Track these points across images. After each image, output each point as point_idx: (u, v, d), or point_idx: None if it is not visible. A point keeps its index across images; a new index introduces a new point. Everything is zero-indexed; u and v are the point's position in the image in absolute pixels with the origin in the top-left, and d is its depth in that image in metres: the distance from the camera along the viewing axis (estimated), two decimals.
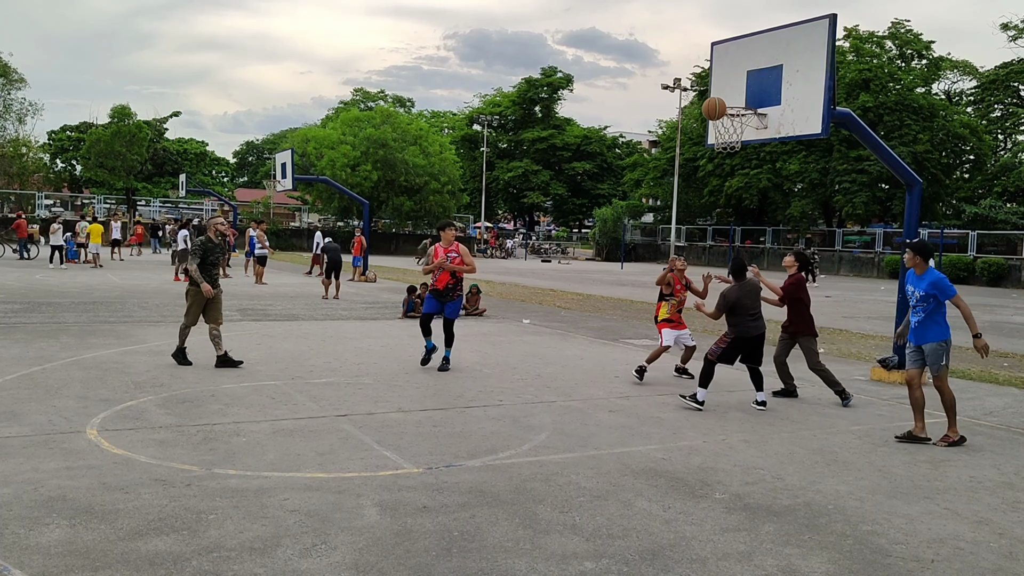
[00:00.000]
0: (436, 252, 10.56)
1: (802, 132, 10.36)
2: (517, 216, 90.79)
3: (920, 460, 6.97)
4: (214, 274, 10.40)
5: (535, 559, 4.54)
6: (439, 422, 7.69)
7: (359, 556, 4.49)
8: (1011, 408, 9.44)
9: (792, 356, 9.68)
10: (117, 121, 60.01)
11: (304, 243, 56.33)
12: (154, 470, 5.86)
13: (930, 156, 49.31)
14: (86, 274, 24.84)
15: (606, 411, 8.47)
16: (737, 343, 8.84)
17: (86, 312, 15.12)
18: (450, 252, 10.48)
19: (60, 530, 4.68)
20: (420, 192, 57.85)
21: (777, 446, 7.28)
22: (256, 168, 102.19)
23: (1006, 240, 46.07)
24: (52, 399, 7.98)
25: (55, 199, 58.23)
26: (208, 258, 10.28)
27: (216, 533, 4.73)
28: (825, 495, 5.89)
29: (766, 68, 10.64)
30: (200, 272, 10.16)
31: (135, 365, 10.00)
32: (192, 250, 10.41)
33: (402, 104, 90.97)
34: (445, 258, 10.43)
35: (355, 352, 11.78)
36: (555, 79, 79.28)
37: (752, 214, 60.93)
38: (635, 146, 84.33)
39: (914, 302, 7.71)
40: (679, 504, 5.57)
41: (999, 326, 19.53)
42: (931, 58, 56.00)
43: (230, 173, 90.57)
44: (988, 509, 5.72)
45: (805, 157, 52.76)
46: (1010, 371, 12.22)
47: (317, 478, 5.84)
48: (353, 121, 59.14)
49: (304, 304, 18.40)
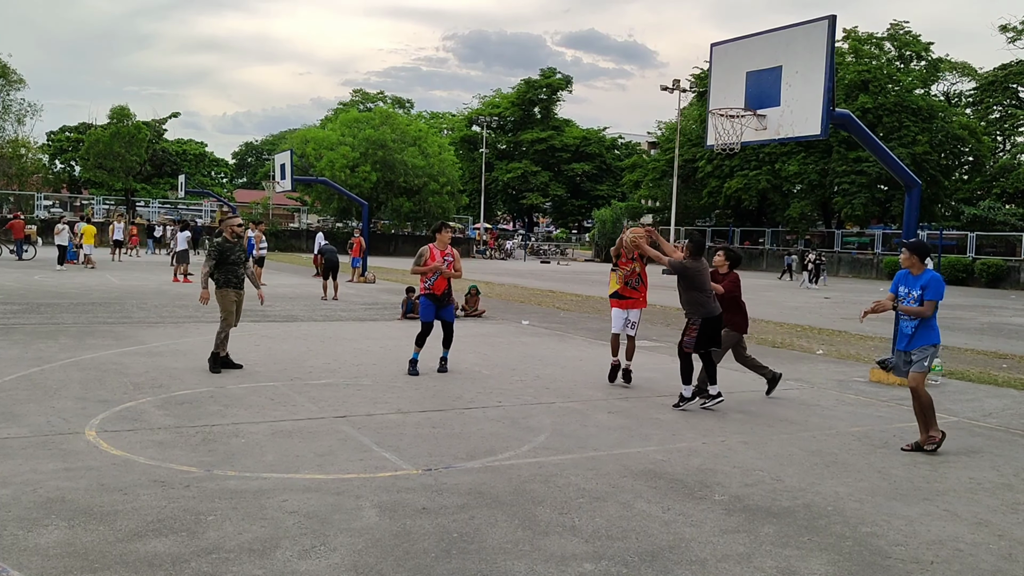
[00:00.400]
0: (432, 254, 10.27)
1: (801, 133, 10.36)
2: (516, 217, 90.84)
3: (919, 462, 6.96)
4: (240, 274, 10.06)
5: (534, 560, 4.53)
6: (438, 423, 7.68)
7: (358, 557, 4.49)
8: (1010, 410, 9.44)
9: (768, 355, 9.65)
10: (116, 122, 59.95)
11: (304, 244, 56.37)
12: (153, 471, 5.85)
13: (929, 157, 49.35)
14: (84, 275, 24.83)
15: (605, 412, 8.47)
16: (705, 327, 8.68)
17: (85, 313, 15.11)
18: (446, 255, 10.28)
19: (59, 531, 4.68)
20: (419, 193, 57.86)
21: (776, 447, 7.28)
22: (255, 169, 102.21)
23: (1005, 241, 46.13)
24: (51, 400, 7.97)
25: (54, 200, 58.16)
26: (229, 258, 9.91)
27: (215, 534, 4.72)
28: (824, 497, 5.89)
29: (765, 69, 10.65)
30: (223, 274, 9.84)
31: (134, 366, 9.99)
32: (208, 252, 10.04)
33: (401, 105, 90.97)
34: (442, 262, 10.19)
35: (354, 353, 11.78)
36: (554, 80, 79.36)
37: (751, 215, 60.96)
38: (634, 147, 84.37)
39: (908, 303, 7.48)
40: (678, 506, 5.57)
41: (998, 327, 19.54)
42: (930, 59, 56.06)
43: (229, 174, 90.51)
44: (987, 511, 5.72)
45: (804, 158, 52.80)
46: (1009, 372, 12.22)
47: (316, 479, 5.83)
48: (352, 122, 59.13)
49: (303, 305, 18.39)
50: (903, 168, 11.13)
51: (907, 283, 7.52)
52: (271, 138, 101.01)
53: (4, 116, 55.96)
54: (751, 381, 10.77)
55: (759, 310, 22.24)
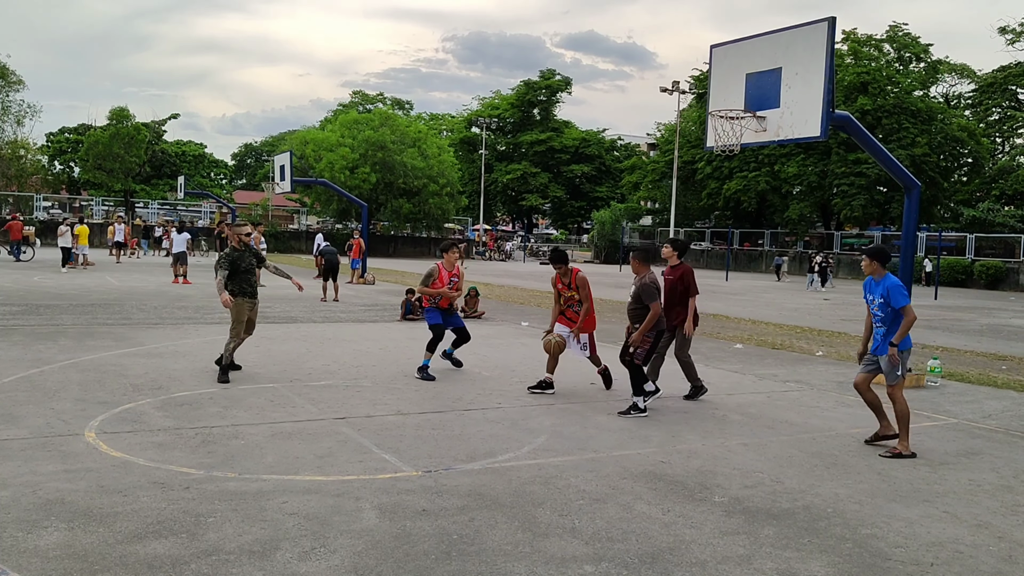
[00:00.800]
0: (440, 277, 10.23)
1: (801, 135, 10.35)
2: (516, 218, 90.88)
3: (919, 463, 6.96)
4: (253, 282, 9.88)
5: (534, 562, 4.53)
6: (438, 425, 7.68)
7: (358, 559, 4.49)
8: (1010, 411, 9.44)
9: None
10: (115, 123, 59.97)
11: (303, 245, 56.38)
12: (152, 473, 5.84)
13: (928, 159, 49.41)
14: (84, 276, 24.82)
15: (605, 414, 8.47)
16: (656, 338, 8.63)
17: (84, 314, 15.10)
18: (453, 276, 10.32)
19: (58, 533, 4.67)
20: (419, 194, 57.89)
21: (776, 449, 7.28)
22: (255, 170, 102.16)
23: (1004, 243, 46.20)
24: (50, 401, 7.97)
25: (53, 201, 58.17)
26: (240, 267, 9.70)
27: (215, 536, 4.72)
28: (824, 498, 5.89)
29: (765, 71, 10.65)
30: (236, 283, 9.64)
31: (133, 367, 9.98)
32: (219, 262, 9.78)
33: (400, 106, 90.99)
34: (448, 284, 10.25)
35: (354, 354, 11.77)
36: (553, 82, 79.41)
37: (750, 217, 61.00)
38: (633, 149, 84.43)
39: (874, 309, 7.44)
40: (678, 507, 5.57)
41: (998, 329, 19.55)
42: (929, 61, 56.14)
43: (228, 175, 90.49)
44: (987, 512, 5.72)
45: (803, 160, 52.85)
46: (1008, 374, 12.22)
47: (316, 481, 5.83)
48: (352, 123, 59.15)
49: (303, 306, 18.39)
50: (902, 170, 11.13)
51: (871, 290, 7.50)
52: (270, 139, 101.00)
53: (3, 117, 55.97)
54: (751, 383, 10.78)
55: (758, 312, 22.25)
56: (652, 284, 8.53)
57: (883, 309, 7.32)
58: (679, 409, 8.84)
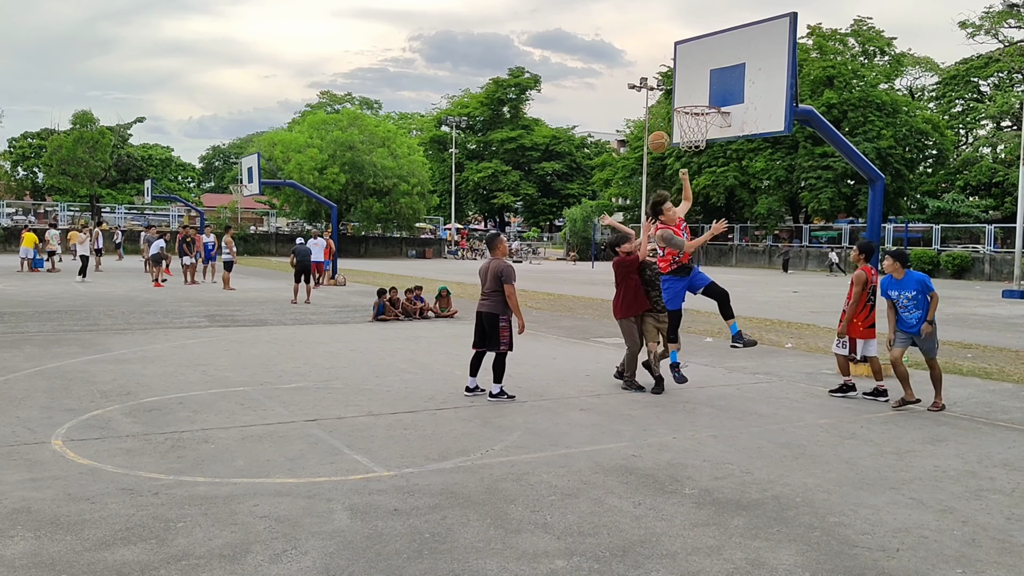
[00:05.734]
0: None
1: (766, 129, 10.46)
2: (487, 217, 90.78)
3: (886, 452, 7.07)
4: None
5: (506, 559, 4.55)
6: (410, 425, 7.67)
7: (330, 561, 4.48)
8: (974, 398, 9.60)
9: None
10: (79, 127, 59.10)
11: (273, 248, 56.00)
12: (121, 479, 5.79)
13: (893, 151, 50.05)
14: (50, 283, 24.47)
15: (577, 410, 8.50)
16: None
17: (50, 321, 14.90)
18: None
19: (25, 542, 4.62)
20: (389, 194, 57.69)
21: (746, 441, 7.35)
22: (223, 173, 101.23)
23: (969, 233, 46.93)
24: (15, 410, 7.86)
25: (16, 207, 57.28)
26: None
27: (185, 541, 4.69)
28: (793, 488, 5.96)
29: (729, 67, 10.73)
30: None
31: (101, 374, 9.87)
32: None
33: (369, 106, 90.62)
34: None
35: (325, 356, 11.72)
36: (522, 80, 79.48)
37: (719, 212, 61.42)
38: (604, 146, 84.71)
39: (904, 302, 8.67)
40: (649, 500, 5.61)
41: (963, 318, 19.85)
42: (893, 55, 56.86)
43: (196, 178, 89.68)
44: (952, 498, 5.82)
45: (771, 154, 53.35)
46: (973, 362, 12.42)
47: (287, 483, 5.80)
48: (320, 124, 58.87)
49: (273, 309, 18.26)
50: (866, 162, 11.27)
51: (895, 286, 8.73)
52: (238, 141, 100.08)
53: None
54: (721, 376, 10.88)
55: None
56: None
57: (917, 297, 8.62)
58: (650, 403, 8.89)
